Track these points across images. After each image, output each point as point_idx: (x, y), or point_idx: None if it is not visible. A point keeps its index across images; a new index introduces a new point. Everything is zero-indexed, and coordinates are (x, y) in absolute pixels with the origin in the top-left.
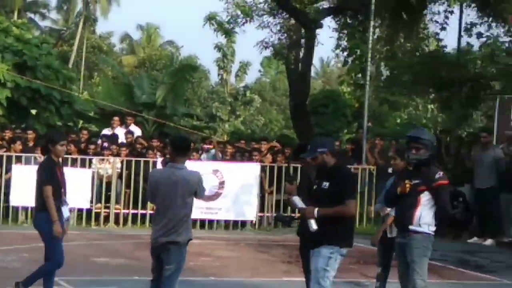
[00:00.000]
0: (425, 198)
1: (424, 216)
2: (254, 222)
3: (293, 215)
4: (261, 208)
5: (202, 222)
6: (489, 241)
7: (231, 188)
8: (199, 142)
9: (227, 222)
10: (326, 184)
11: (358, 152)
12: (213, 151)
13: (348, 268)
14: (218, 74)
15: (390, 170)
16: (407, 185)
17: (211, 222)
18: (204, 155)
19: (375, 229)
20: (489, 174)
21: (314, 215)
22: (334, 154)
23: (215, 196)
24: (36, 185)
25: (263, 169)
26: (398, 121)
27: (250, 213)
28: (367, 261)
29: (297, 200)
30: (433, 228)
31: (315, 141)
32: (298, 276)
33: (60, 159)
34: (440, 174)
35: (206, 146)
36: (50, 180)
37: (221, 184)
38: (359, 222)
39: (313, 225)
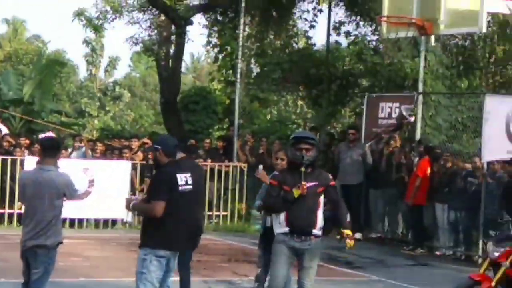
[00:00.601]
0: (321, 199)
1: (321, 219)
2: (125, 220)
3: None
4: None
5: (72, 221)
6: (357, 235)
7: (101, 186)
8: (68, 139)
9: (97, 221)
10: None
11: (229, 149)
12: (83, 148)
13: (220, 267)
14: (87, 69)
15: (261, 168)
16: (304, 187)
17: (80, 221)
18: (74, 153)
19: (246, 227)
20: (357, 170)
21: (130, 207)
22: (167, 154)
23: (84, 195)
24: None
25: (133, 167)
26: (269, 117)
27: (121, 211)
28: (238, 259)
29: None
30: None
31: (159, 139)
32: None
33: None
34: (329, 174)
35: (77, 145)
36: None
37: (91, 182)
38: (230, 220)
39: (129, 217)
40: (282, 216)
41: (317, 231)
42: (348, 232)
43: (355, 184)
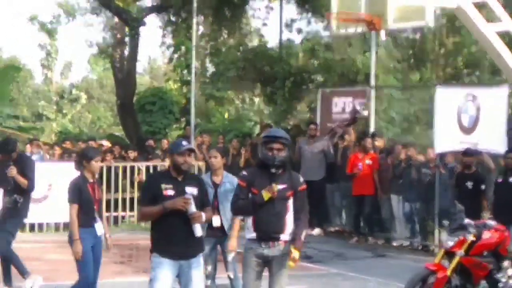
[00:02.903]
0: (291, 203)
1: (290, 224)
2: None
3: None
4: None
5: (32, 225)
6: (316, 231)
7: (59, 189)
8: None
9: (57, 224)
10: None
11: None
12: (40, 152)
13: None
14: (43, 73)
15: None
16: (275, 190)
17: (40, 224)
18: (32, 157)
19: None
20: (318, 166)
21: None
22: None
23: (43, 198)
24: None
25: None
26: (226, 115)
27: None
28: None
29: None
30: None
31: None
32: (131, 276)
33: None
34: (301, 177)
35: (34, 149)
36: (75, 199)
37: (49, 186)
38: None
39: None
40: (250, 220)
41: (286, 236)
42: (296, 253)
43: (317, 179)
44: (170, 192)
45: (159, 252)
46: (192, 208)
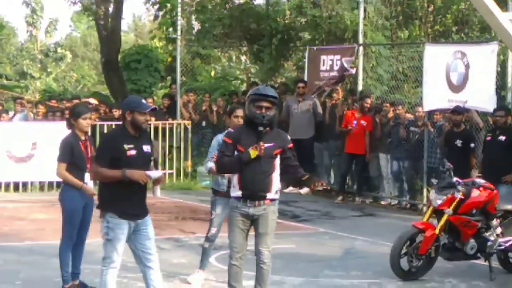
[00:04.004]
0: (277, 162)
1: (276, 182)
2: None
3: None
4: None
5: (16, 185)
6: (304, 190)
7: (44, 148)
8: (9, 102)
9: (41, 183)
10: None
11: (172, 107)
12: (24, 111)
13: (167, 225)
14: (27, 31)
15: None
16: (262, 148)
17: (25, 184)
18: (16, 116)
19: (193, 184)
20: (307, 124)
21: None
22: None
23: (27, 158)
24: None
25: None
26: (213, 74)
27: None
28: (185, 216)
29: None
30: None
31: None
32: None
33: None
34: (287, 135)
35: (18, 108)
36: (65, 157)
37: (34, 145)
38: (176, 178)
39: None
40: (235, 178)
41: (272, 194)
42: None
43: (306, 138)
44: (133, 152)
45: (118, 213)
46: (156, 173)
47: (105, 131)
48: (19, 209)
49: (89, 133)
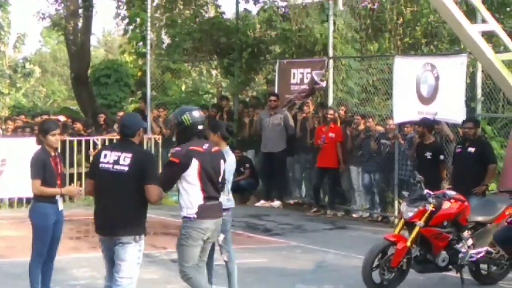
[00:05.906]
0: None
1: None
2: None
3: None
4: None
5: None
6: (276, 203)
7: (13, 165)
8: None
9: (11, 200)
10: None
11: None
12: None
13: None
14: None
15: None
16: None
17: None
18: None
19: (163, 199)
20: (279, 138)
21: None
22: None
23: None
24: None
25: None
26: (183, 88)
27: None
28: (156, 231)
29: None
30: None
31: None
32: (86, 252)
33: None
34: None
35: None
36: (39, 174)
37: (3, 161)
38: None
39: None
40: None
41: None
42: None
43: (278, 151)
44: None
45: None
46: None
47: (75, 146)
48: None
49: (60, 149)
